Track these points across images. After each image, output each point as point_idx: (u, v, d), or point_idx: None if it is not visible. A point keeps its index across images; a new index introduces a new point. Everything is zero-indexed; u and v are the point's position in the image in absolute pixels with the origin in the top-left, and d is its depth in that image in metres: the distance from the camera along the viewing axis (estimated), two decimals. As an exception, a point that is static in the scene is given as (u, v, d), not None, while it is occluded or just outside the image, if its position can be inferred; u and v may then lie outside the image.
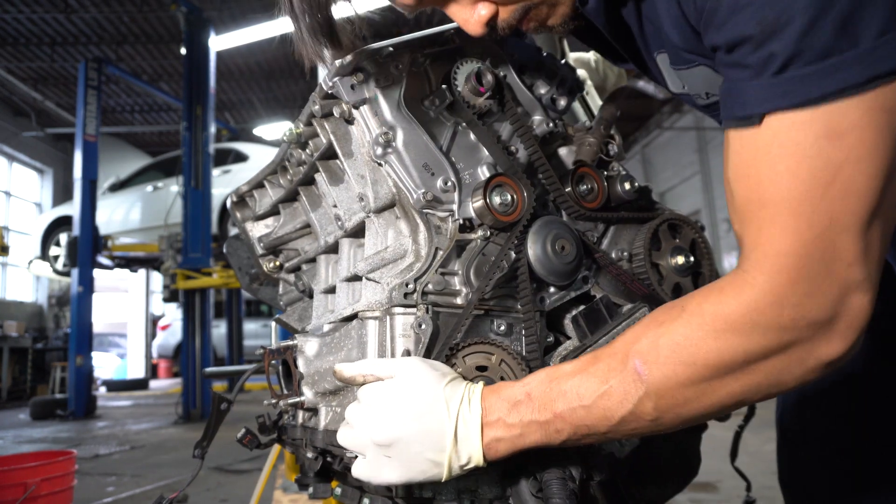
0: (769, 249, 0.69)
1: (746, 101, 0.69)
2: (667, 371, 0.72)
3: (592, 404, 0.74)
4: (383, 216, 1.02)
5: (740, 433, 1.28)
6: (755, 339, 0.70)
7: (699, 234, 1.16)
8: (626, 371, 0.73)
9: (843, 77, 0.64)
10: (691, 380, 0.71)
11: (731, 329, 0.70)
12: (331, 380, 1.01)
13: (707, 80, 0.88)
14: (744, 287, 0.70)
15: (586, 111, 1.38)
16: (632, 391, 0.73)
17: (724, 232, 14.55)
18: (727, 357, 0.70)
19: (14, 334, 12.58)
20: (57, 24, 11.67)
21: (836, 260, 0.67)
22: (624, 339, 0.77)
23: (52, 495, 2.84)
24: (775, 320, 0.69)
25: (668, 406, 0.73)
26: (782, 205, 0.68)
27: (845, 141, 0.65)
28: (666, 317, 0.75)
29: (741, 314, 0.70)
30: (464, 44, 1.06)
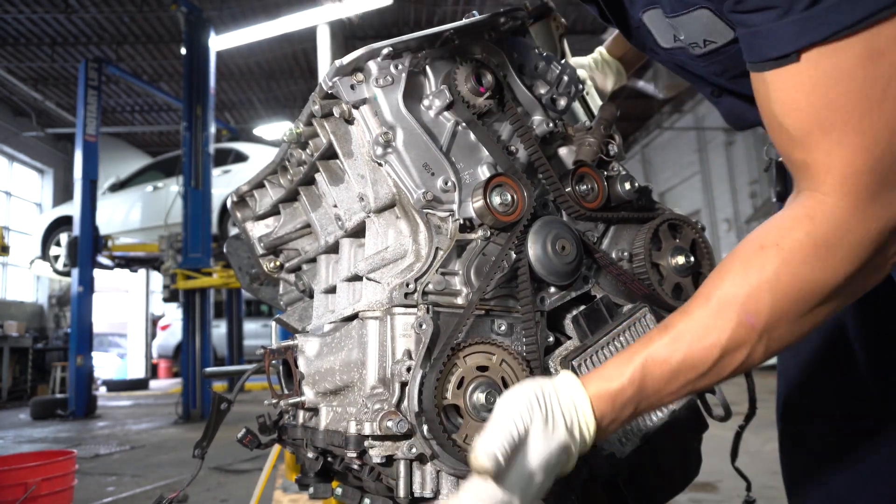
0: (846, 170, 0.71)
1: (779, 40, 0.71)
2: (778, 314, 0.73)
3: (707, 371, 0.75)
4: (383, 216, 1.02)
5: (741, 433, 1.28)
6: (854, 256, 0.72)
7: (699, 234, 1.16)
8: (736, 325, 0.73)
9: (871, 1, 0.66)
10: (801, 313, 0.74)
11: (831, 253, 0.72)
12: (331, 380, 1.01)
13: (706, 26, 0.88)
14: (834, 210, 0.72)
15: (586, 111, 1.37)
16: (746, 345, 0.74)
17: (723, 232, 14.55)
18: (832, 280, 0.72)
19: (14, 334, 12.58)
20: (57, 24, 11.66)
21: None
22: (721, 291, 0.75)
23: (52, 495, 2.84)
24: (866, 235, 0.72)
25: (778, 344, 0.75)
26: (846, 127, 0.70)
27: (887, 58, 0.67)
28: (759, 259, 0.74)
29: (838, 236, 0.72)
30: (464, 43, 1.06)
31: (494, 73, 1.02)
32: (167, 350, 15.26)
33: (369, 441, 0.87)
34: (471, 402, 0.87)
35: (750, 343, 0.74)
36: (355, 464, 0.96)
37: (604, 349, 1.00)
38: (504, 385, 0.90)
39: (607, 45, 1.55)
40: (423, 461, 0.89)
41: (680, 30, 0.93)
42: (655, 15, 0.94)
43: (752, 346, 0.74)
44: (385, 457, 0.88)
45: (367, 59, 0.98)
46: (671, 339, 0.76)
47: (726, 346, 0.74)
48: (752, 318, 0.73)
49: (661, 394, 0.77)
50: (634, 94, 12.78)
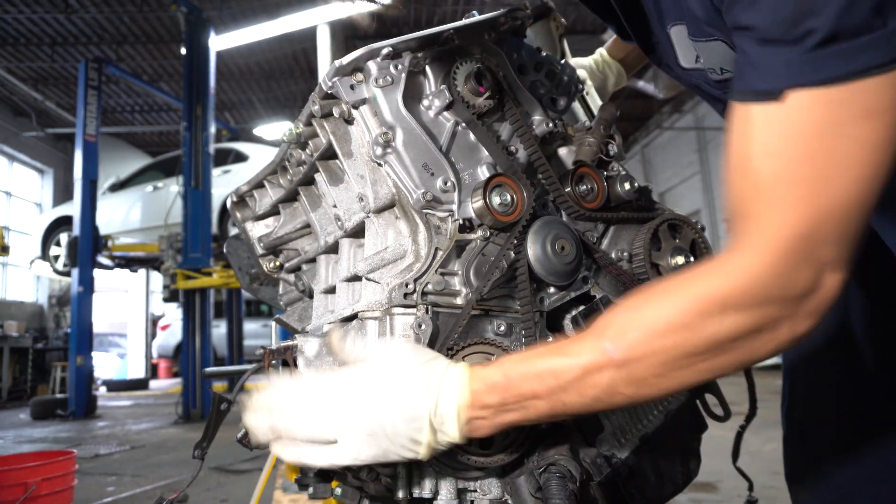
0: (792, 232, 0.69)
1: (769, 75, 0.69)
2: (641, 350, 0.72)
3: (568, 384, 0.75)
4: (383, 216, 1.02)
5: (742, 433, 1.28)
6: (741, 317, 0.70)
7: (699, 234, 1.15)
8: (598, 349, 0.74)
9: (871, 56, 0.64)
10: (666, 359, 0.72)
11: (717, 306, 0.70)
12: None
13: (723, 56, 0.87)
14: (739, 264, 0.71)
15: (586, 111, 1.37)
16: (605, 372, 0.73)
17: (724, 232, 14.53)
18: (706, 334, 0.71)
19: (14, 334, 12.59)
20: (57, 24, 11.67)
21: (828, 240, 0.69)
22: (602, 318, 0.77)
23: (52, 495, 2.84)
24: (758, 296, 0.70)
25: (642, 382, 0.73)
26: (816, 184, 0.68)
27: (878, 120, 0.66)
28: (644, 296, 0.75)
29: (730, 289, 0.70)
30: (463, 43, 1.06)
31: (494, 73, 1.02)
32: (167, 350, 15.26)
33: (369, 441, 0.87)
34: (470, 403, 0.87)
35: (609, 373, 0.73)
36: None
37: (603, 349, 1.00)
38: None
39: (608, 46, 1.55)
40: (422, 461, 0.89)
41: (700, 54, 0.92)
42: (682, 31, 0.93)
43: (613, 378, 0.73)
44: (384, 457, 0.87)
45: (366, 59, 0.98)
46: (548, 348, 0.79)
47: (586, 368, 0.74)
48: (613, 349, 0.73)
49: (522, 391, 0.76)
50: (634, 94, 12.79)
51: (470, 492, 0.92)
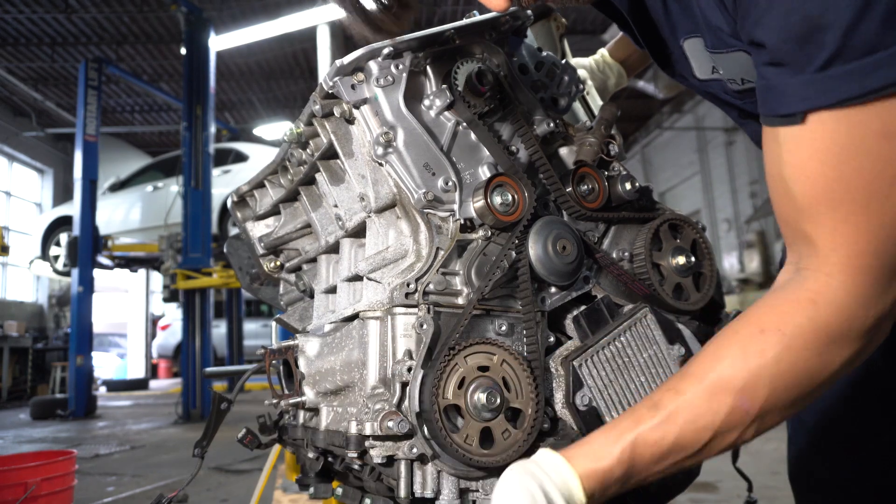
0: (851, 250, 0.69)
1: (789, 98, 0.69)
2: (774, 400, 0.72)
3: (696, 453, 0.75)
4: (384, 216, 1.01)
5: (742, 433, 1.28)
6: (855, 343, 0.71)
7: (700, 234, 1.15)
8: (730, 409, 0.72)
9: (885, 74, 0.63)
10: (798, 399, 0.74)
11: (833, 340, 0.71)
12: (332, 380, 1.01)
13: (744, 67, 0.86)
14: (837, 294, 0.70)
15: (587, 111, 1.37)
16: (738, 428, 0.74)
17: (724, 232, 14.56)
18: (831, 367, 0.72)
19: (14, 334, 12.58)
20: (57, 24, 11.67)
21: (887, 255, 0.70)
22: (717, 374, 0.74)
23: (52, 495, 2.84)
24: (867, 321, 0.71)
25: (770, 425, 0.75)
26: (854, 205, 0.68)
27: (893, 142, 0.66)
28: (759, 343, 0.73)
29: (841, 323, 0.70)
30: (464, 43, 1.06)
31: (495, 73, 1.02)
32: (167, 350, 15.27)
33: (370, 441, 0.87)
34: (471, 402, 0.87)
35: (743, 426, 0.73)
36: (356, 464, 0.95)
37: (605, 349, 1.00)
38: (505, 385, 0.90)
39: (609, 47, 1.55)
40: (424, 461, 0.89)
41: (719, 65, 0.91)
42: (697, 44, 0.92)
43: (744, 429, 0.74)
44: (386, 457, 0.87)
45: (367, 58, 0.98)
46: (662, 419, 0.74)
47: (719, 430, 0.73)
48: (748, 405, 0.72)
49: (648, 472, 0.76)
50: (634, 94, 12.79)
51: (472, 492, 0.92)
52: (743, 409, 0.72)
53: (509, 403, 0.89)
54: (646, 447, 0.74)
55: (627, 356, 1.01)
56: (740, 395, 0.72)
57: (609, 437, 0.76)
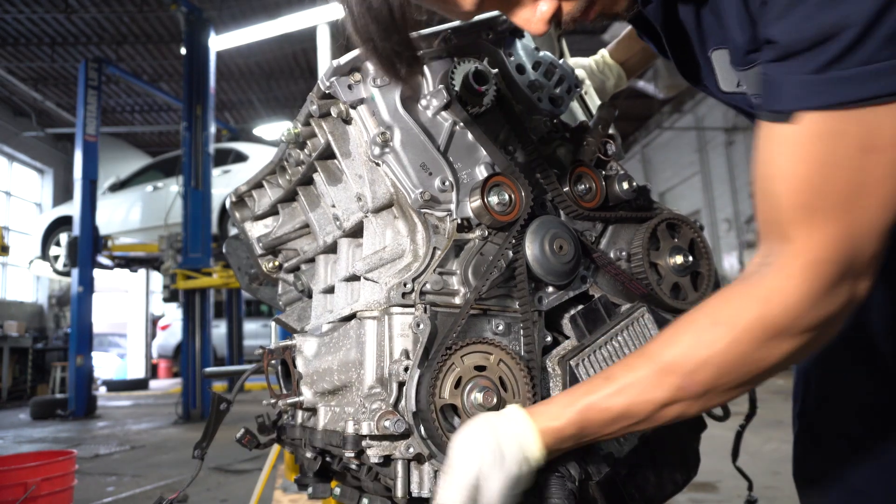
0: (816, 257, 0.73)
1: (784, 95, 0.71)
2: (719, 384, 0.79)
3: (642, 419, 0.82)
4: (381, 216, 1.02)
5: (741, 433, 1.28)
6: (801, 339, 0.76)
7: (698, 233, 1.15)
8: (676, 388, 0.80)
9: (882, 84, 0.65)
10: (742, 383, 0.80)
11: (780, 337, 0.76)
12: (329, 379, 1.01)
13: None
14: (790, 297, 0.74)
15: (585, 111, 1.37)
16: (683, 404, 0.81)
17: (723, 232, 14.55)
18: (776, 358, 0.77)
19: (14, 334, 12.58)
20: (57, 24, 11.66)
21: (862, 261, 0.73)
22: (669, 356, 0.80)
23: (52, 495, 2.84)
24: (815, 321, 0.75)
25: (715, 403, 0.83)
26: (831, 213, 0.71)
27: (886, 154, 0.68)
28: (710, 334, 0.79)
29: (789, 322, 0.75)
30: (462, 43, 1.06)
31: (492, 72, 1.02)
32: (167, 350, 15.26)
33: (367, 441, 0.87)
34: (468, 402, 0.87)
35: (686, 404, 0.81)
36: (353, 463, 0.96)
37: (602, 349, 1.00)
38: (502, 385, 0.90)
39: (610, 48, 1.55)
40: (421, 461, 0.89)
41: (742, 81, 0.93)
42: (724, 56, 0.93)
43: (688, 406, 0.82)
44: (383, 456, 0.88)
45: (364, 59, 0.98)
46: (614, 391, 0.82)
47: (663, 404, 0.81)
48: (693, 387, 0.79)
49: (599, 433, 0.84)
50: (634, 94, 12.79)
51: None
52: (688, 390, 0.80)
53: (506, 403, 0.89)
54: (595, 412, 0.82)
55: (624, 355, 1.01)
56: (687, 378, 0.79)
57: (566, 401, 0.84)
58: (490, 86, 1.01)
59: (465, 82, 1.00)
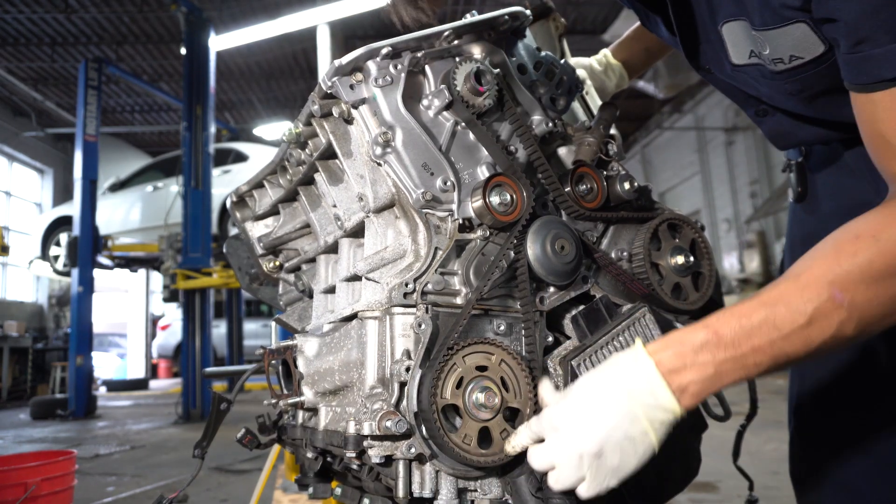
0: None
1: (885, 66, 0.77)
2: (869, 296, 0.76)
3: (791, 333, 0.76)
4: (383, 216, 1.02)
5: (742, 433, 1.28)
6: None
7: (699, 233, 1.15)
8: (825, 299, 0.76)
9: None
10: (891, 301, 0.77)
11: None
12: (331, 380, 1.01)
13: (798, 41, 0.90)
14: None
15: (586, 111, 1.37)
16: (834, 317, 0.76)
17: (723, 232, 14.55)
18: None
19: (14, 334, 12.58)
20: (57, 24, 11.66)
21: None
22: (812, 271, 0.78)
23: (52, 495, 2.84)
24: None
25: (870, 322, 0.78)
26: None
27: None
28: (853, 246, 0.78)
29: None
30: (463, 43, 1.06)
31: (493, 72, 1.02)
32: (167, 350, 15.26)
33: (368, 441, 0.87)
34: (470, 402, 0.87)
35: (839, 317, 0.76)
36: (354, 464, 0.96)
37: (603, 349, 1.00)
38: (503, 385, 0.90)
39: (612, 48, 1.55)
40: (422, 461, 0.89)
41: (766, 44, 0.94)
42: (737, 27, 0.95)
43: (842, 321, 0.76)
44: (384, 457, 0.88)
45: (366, 58, 0.98)
46: (756, 301, 0.78)
47: (813, 315, 0.76)
48: (840, 297, 0.76)
49: (741, 347, 0.77)
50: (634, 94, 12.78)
51: (470, 491, 0.92)
52: (838, 300, 0.76)
53: (507, 403, 0.89)
54: (733, 316, 0.78)
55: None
56: (832, 287, 0.76)
57: (693, 329, 0.80)
58: (491, 86, 1.01)
59: (467, 82, 1.00)
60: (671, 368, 0.77)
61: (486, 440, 0.88)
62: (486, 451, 0.87)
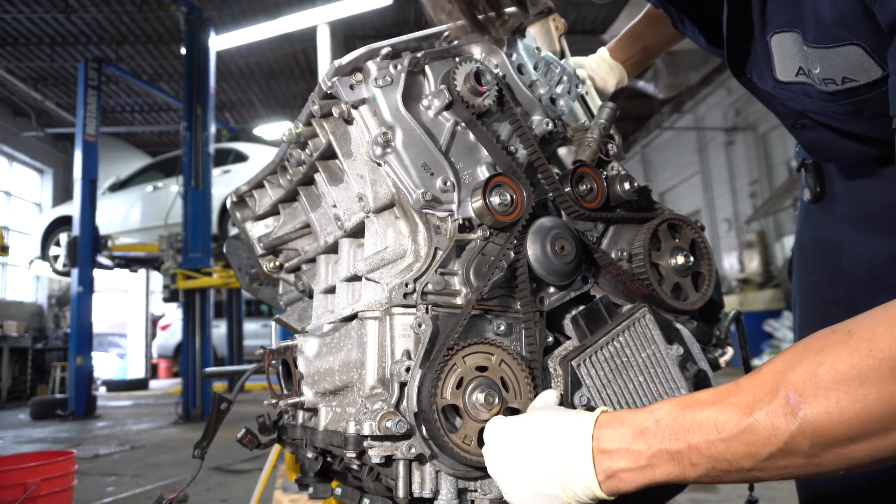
0: None
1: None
2: (827, 406, 0.60)
3: (733, 437, 0.64)
4: (383, 216, 1.02)
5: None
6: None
7: (699, 233, 1.15)
8: (776, 402, 0.63)
9: None
10: (857, 417, 0.59)
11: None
12: (331, 380, 1.01)
13: (852, 63, 0.83)
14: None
15: (586, 111, 1.37)
16: (782, 426, 0.62)
17: (723, 232, 14.55)
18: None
19: (14, 334, 12.58)
20: (57, 24, 11.66)
21: None
22: (772, 366, 0.66)
23: (52, 495, 2.84)
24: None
25: (828, 445, 0.61)
26: None
27: None
28: (825, 343, 0.63)
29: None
30: (463, 43, 1.07)
31: (493, 72, 1.02)
32: (167, 350, 15.27)
33: (368, 441, 0.87)
34: (470, 402, 0.87)
35: (787, 429, 0.62)
36: (354, 464, 0.96)
37: (603, 349, 1.00)
38: (503, 385, 0.90)
39: (610, 46, 1.55)
40: (423, 461, 0.89)
41: (817, 62, 0.87)
42: (788, 40, 0.88)
43: (792, 435, 0.61)
44: (384, 457, 0.88)
45: (366, 59, 0.98)
46: (713, 391, 0.69)
47: (757, 419, 0.63)
48: (795, 399, 0.62)
49: (677, 442, 0.67)
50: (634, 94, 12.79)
51: (470, 491, 0.92)
52: (787, 403, 0.63)
53: (507, 403, 0.89)
54: (679, 408, 0.68)
55: (626, 356, 1.01)
56: (789, 387, 0.63)
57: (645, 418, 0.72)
58: (491, 86, 1.01)
59: (467, 82, 0.99)
60: (605, 449, 0.71)
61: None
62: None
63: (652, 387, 1.01)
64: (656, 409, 0.71)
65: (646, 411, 0.72)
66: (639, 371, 1.01)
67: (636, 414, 0.72)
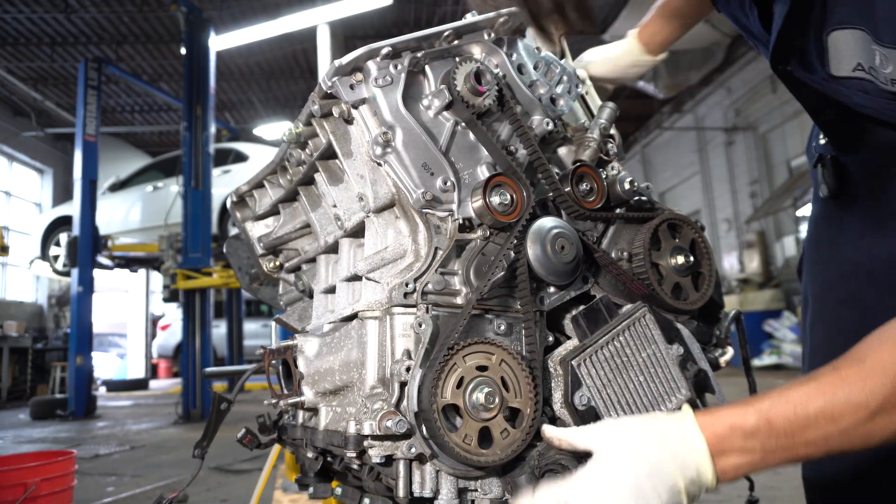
0: None
1: None
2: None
3: (850, 428, 0.70)
4: (383, 216, 1.02)
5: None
6: None
7: (699, 233, 1.15)
8: (892, 391, 0.68)
9: None
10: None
11: None
12: (331, 379, 1.01)
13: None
14: None
15: (586, 111, 1.37)
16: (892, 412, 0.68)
17: (723, 232, 14.55)
18: None
19: (14, 334, 12.58)
20: (57, 24, 11.67)
21: None
22: (878, 356, 0.71)
23: (52, 495, 2.84)
24: None
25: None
26: None
27: None
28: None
29: None
30: (463, 43, 1.06)
31: (493, 72, 1.02)
32: (167, 350, 15.27)
33: (369, 441, 0.87)
34: (470, 402, 0.87)
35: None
36: (355, 464, 0.96)
37: (603, 349, 1.00)
38: (504, 385, 0.90)
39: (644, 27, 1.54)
40: (423, 461, 0.89)
41: (887, 62, 0.85)
42: (849, 37, 0.88)
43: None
44: (384, 457, 0.88)
45: (366, 58, 0.98)
46: (813, 386, 0.72)
47: (877, 409, 0.69)
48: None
49: (793, 438, 0.72)
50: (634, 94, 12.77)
51: (471, 491, 0.92)
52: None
53: (508, 403, 0.89)
54: (788, 404, 0.72)
55: (626, 356, 1.01)
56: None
57: (752, 398, 0.75)
58: (491, 86, 1.01)
59: (467, 82, 0.99)
60: (719, 450, 0.74)
61: (487, 440, 0.88)
62: (487, 451, 0.87)
63: (652, 386, 1.01)
64: (764, 409, 0.73)
65: (751, 410, 0.74)
66: (639, 371, 1.01)
67: (741, 415, 0.74)
